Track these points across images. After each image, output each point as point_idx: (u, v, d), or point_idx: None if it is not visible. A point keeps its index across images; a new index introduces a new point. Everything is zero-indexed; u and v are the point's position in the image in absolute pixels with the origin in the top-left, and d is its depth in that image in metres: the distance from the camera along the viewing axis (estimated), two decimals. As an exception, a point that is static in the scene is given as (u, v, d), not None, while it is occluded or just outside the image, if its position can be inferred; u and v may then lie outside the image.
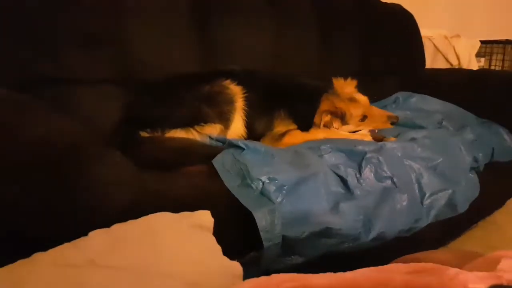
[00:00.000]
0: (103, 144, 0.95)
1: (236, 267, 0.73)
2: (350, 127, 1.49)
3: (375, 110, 1.53)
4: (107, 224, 0.71)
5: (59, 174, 0.76)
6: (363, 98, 1.51)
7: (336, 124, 1.44)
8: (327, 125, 1.42)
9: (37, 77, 1.19)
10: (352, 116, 1.46)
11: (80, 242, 0.68)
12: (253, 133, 1.38)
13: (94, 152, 0.86)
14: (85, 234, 0.69)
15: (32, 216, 0.74)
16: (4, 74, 1.13)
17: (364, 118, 1.48)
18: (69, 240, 0.68)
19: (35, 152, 0.75)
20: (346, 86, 1.51)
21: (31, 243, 0.66)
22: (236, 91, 1.36)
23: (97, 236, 0.70)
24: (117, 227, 0.72)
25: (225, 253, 0.74)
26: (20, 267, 0.63)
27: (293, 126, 1.40)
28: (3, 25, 1.13)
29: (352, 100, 1.47)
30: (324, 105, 1.43)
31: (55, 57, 1.21)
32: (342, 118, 1.45)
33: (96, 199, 0.80)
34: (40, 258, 0.64)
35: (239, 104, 1.36)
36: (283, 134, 1.37)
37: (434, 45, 2.90)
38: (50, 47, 1.20)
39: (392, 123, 1.50)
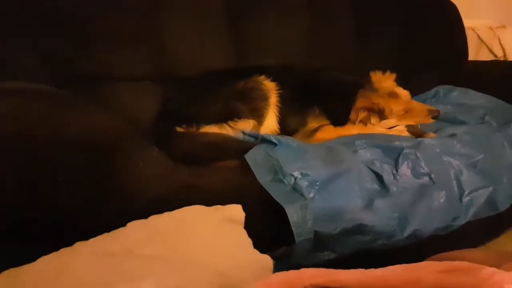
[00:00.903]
0: (141, 139, 0.99)
1: (266, 260, 0.74)
2: (389, 121, 1.44)
3: (416, 105, 1.47)
4: (142, 216, 0.74)
5: (100, 169, 0.80)
6: (404, 93, 1.46)
7: (374, 120, 1.40)
8: (364, 122, 1.38)
9: (79, 75, 1.25)
10: (393, 112, 1.41)
11: (119, 232, 0.72)
12: (286, 129, 1.37)
13: (133, 147, 0.90)
14: (122, 225, 0.72)
15: (73, 208, 0.78)
16: (47, 72, 1.19)
17: (405, 113, 1.43)
18: (106, 230, 0.71)
19: (78, 147, 0.79)
20: (385, 80, 1.46)
21: (72, 234, 0.70)
22: (270, 87, 1.36)
23: (134, 227, 0.73)
24: (153, 219, 0.75)
25: (256, 246, 0.75)
26: (63, 255, 0.67)
27: (327, 123, 1.38)
28: (46, 25, 1.19)
29: (392, 95, 1.42)
30: (360, 102, 1.39)
31: (96, 55, 1.27)
32: (381, 114, 1.40)
33: (134, 193, 0.84)
34: (81, 247, 0.68)
35: (273, 100, 1.36)
36: (315, 130, 1.35)
37: (478, 36, 2.75)
38: (90, 46, 1.26)
39: (433, 117, 1.44)
